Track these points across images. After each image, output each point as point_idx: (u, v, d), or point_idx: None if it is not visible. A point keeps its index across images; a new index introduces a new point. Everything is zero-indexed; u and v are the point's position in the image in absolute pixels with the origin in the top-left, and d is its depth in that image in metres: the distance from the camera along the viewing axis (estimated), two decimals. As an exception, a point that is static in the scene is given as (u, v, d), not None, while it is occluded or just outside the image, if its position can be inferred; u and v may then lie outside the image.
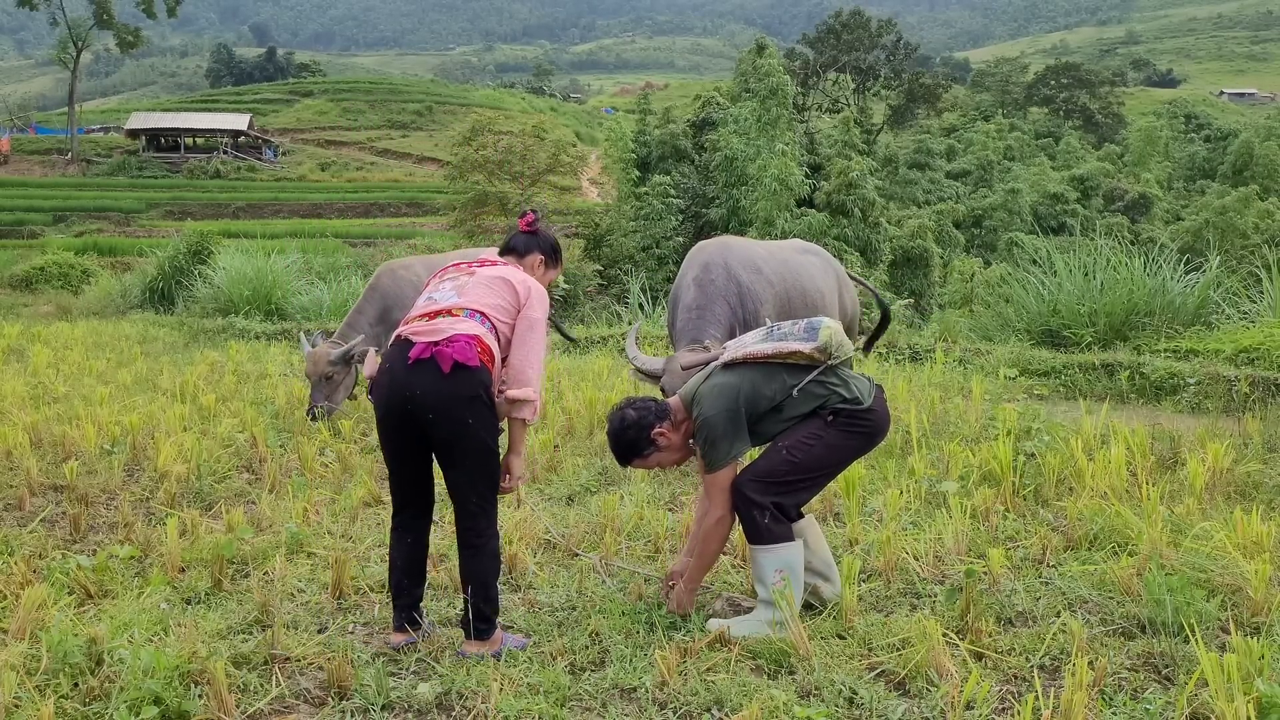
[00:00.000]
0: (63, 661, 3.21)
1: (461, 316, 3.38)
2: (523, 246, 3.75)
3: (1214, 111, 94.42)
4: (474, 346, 3.31)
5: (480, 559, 3.42)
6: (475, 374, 3.30)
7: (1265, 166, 61.25)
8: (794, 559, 3.62)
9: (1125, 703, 3.05)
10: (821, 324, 3.71)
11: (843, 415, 3.67)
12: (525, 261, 3.73)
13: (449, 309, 3.41)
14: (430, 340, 3.31)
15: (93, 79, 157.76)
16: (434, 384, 3.27)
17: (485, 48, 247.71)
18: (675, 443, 3.76)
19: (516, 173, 28.60)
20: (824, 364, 3.68)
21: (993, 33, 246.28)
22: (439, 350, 3.28)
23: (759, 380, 3.69)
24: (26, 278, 25.14)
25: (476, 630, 3.43)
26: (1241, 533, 4.10)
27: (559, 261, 3.83)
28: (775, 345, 3.69)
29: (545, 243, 3.79)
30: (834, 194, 31.81)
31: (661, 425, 3.72)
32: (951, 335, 11.62)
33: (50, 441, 6.61)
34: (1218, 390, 7.82)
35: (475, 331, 3.35)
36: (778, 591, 3.54)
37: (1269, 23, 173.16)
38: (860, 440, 3.75)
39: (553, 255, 3.80)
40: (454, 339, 3.30)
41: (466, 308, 3.41)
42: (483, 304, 3.43)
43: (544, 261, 3.78)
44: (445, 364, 3.26)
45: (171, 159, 60.29)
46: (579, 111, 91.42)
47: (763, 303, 5.89)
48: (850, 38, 71.65)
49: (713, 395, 3.67)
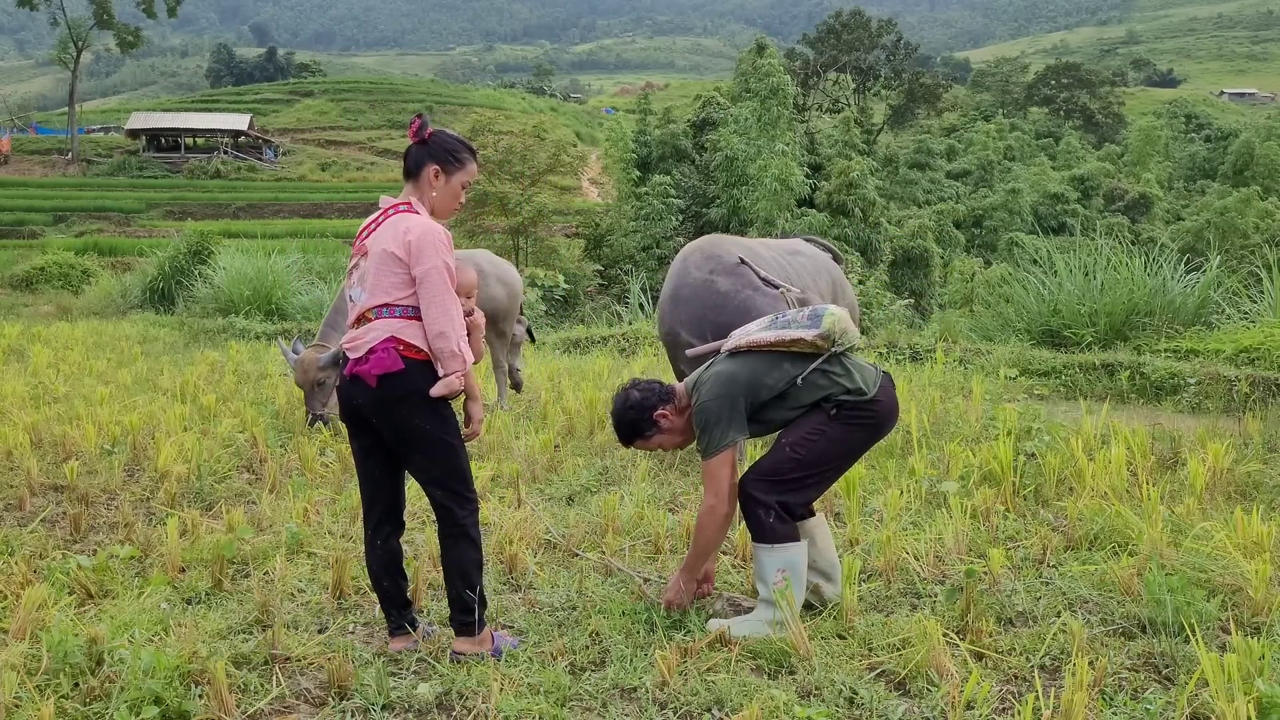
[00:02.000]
0: (63, 661, 3.21)
1: (373, 319, 3.35)
2: (413, 163, 3.45)
3: (1214, 111, 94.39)
4: (392, 351, 3.30)
5: (456, 548, 3.41)
6: (402, 376, 3.30)
7: (1266, 166, 61.23)
8: (797, 559, 3.61)
9: (1125, 703, 3.05)
10: (825, 311, 3.69)
11: (846, 408, 3.65)
12: (420, 180, 3.44)
13: (363, 313, 3.38)
14: (356, 357, 3.35)
15: (93, 79, 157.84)
16: (368, 396, 3.33)
17: (485, 48, 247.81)
18: (677, 425, 3.80)
19: (517, 173, 28.58)
20: (827, 352, 3.68)
21: (993, 33, 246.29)
22: (361, 370, 3.30)
23: (760, 368, 3.69)
24: (27, 278, 25.14)
25: (461, 624, 3.41)
26: (1242, 533, 4.10)
27: (461, 160, 3.46)
28: (778, 333, 3.69)
29: (438, 148, 3.44)
30: (834, 194, 31.81)
31: (664, 407, 3.76)
32: (952, 335, 11.62)
33: (50, 441, 6.61)
34: (1218, 390, 7.82)
35: (389, 332, 3.31)
36: (779, 591, 3.54)
37: (1269, 23, 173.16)
38: (865, 432, 3.72)
39: (449, 157, 3.44)
40: (372, 352, 3.30)
41: (374, 305, 3.34)
42: (384, 294, 3.33)
43: (440, 170, 3.43)
44: (370, 380, 3.30)
45: (172, 159, 60.29)
46: (579, 111, 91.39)
47: None
48: (850, 38, 71.65)
49: (712, 382, 3.70)
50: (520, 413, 7.79)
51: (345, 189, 54.20)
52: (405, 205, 3.44)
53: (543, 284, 17.87)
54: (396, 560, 3.56)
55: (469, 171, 3.51)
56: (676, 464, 6.16)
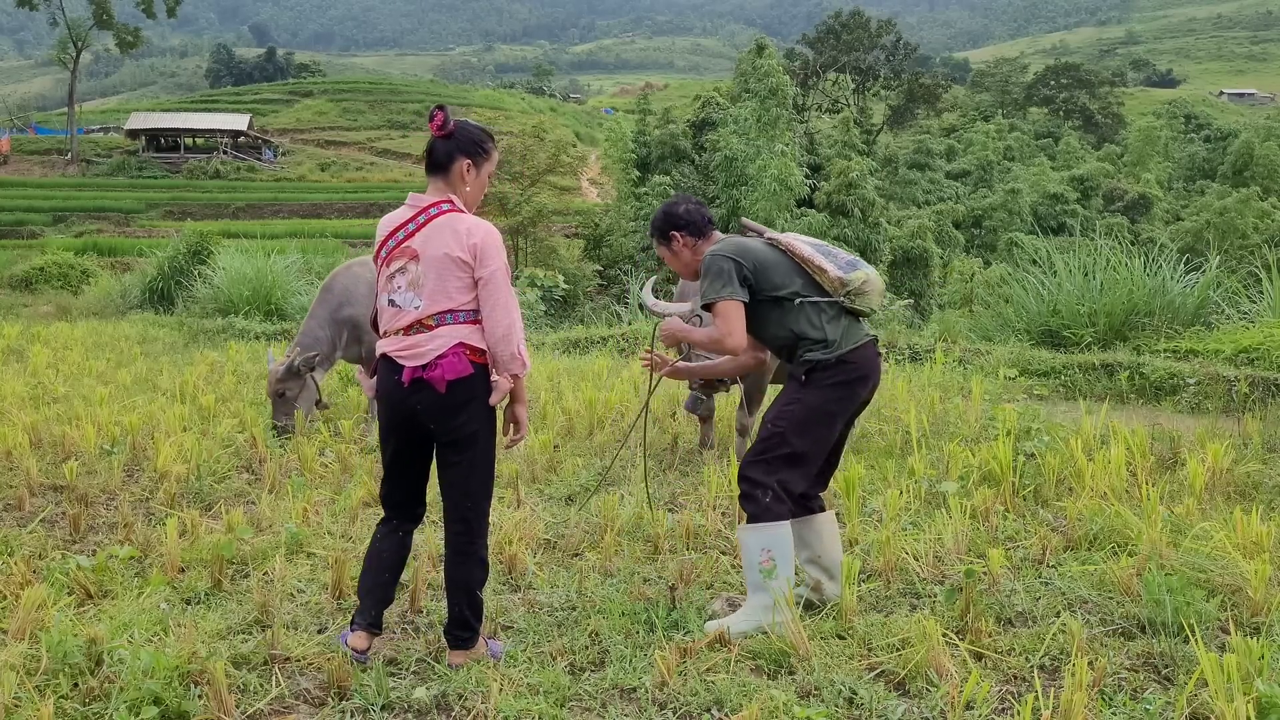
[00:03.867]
0: (62, 662, 3.21)
1: (435, 328, 3.27)
2: (444, 156, 3.37)
3: (1214, 112, 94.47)
4: (462, 356, 3.28)
5: (469, 565, 3.40)
6: (472, 380, 3.29)
7: (1265, 167, 61.27)
8: (781, 538, 3.60)
9: (1125, 703, 3.05)
10: (861, 264, 3.83)
11: (815, 370, 3.69)
12: (451, 174, 3.37)
13: (420, 319, 3.28)
14: (418, 364, 3.26)
15: (92, 79, 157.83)
16: (434, 400, 3.27)
17: (485, 48, 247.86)
18: (684, 256, 4.03)
19: (516, 173, 28.60)
20: (837, 296, 3.75)
21: (992, 33, 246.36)
22: (430, 376, 3.24)
23: (780, 266, 3.79)
24: (26, 278, 25.13)
25: (458, 639, 3.40)
26: (1241, 533, 4.10)
27: (488, 151, 3.44)
28: (814, 254, 3.79)
29: (466, 140, 3.38)
30: (834, 194, 31.78)
31: (685, 235, 3.99)
32: (951, 335, 11.63)
33: (50, 442, 6.61)
34: (1217, 390, 7.82)
35: (456, 338, 3.28)
36: (765, 570, 3.55)
37: (1268, 23, 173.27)
38: (839, 390, 3.70)
39: (477, 149, 3.40)
40: (442, 358, 3.25)
41: (435, 313, 3.27)
42: (448, 300, 3.28)
43: (471, 164, 3.38)
44: (440, 386, 3.25)
45: (171, 159, 60.30)
46: (579, 112, 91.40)
47: None
48: (850, 38, 71.65)
49: (731, 244, 3.83)
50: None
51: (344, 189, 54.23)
52: (448, 204, 3.34)
53: (542, 284, 17.87)
54: (405, 556, 3.56)
55: (494, 161, 3.50)
56: (676, 464, 6.16)
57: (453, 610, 3.41)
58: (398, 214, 3.41)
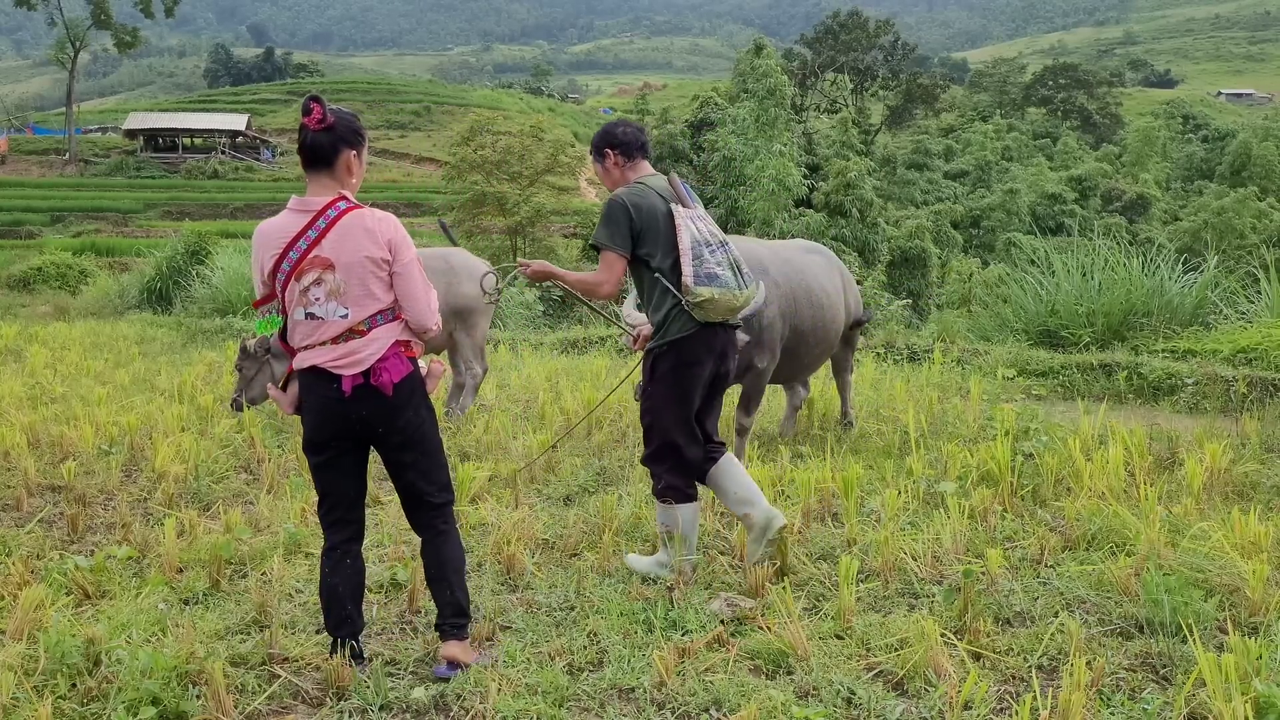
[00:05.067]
0: (60, 662, 3.21)
1: (366, 331, 3.21)
2: (329, 150, 3.23)
3: (1211, 112, 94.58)
4: (401, 355, 3.27)
5: (448, 546, 3.38)
6: (413, 376, 3.30)
7: (1263, 167, 61.38)
8: (674, 518, 4.11)
9: (1123, 703, 3.05)
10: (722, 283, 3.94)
11: (654, 361, 4.06)
12: (338, 167, 3.24)
13: (351, 327, 3.20)
14: (358, 371, 3.20)
15: (90, 79, 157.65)
16: (380, 404, 3.23)
17: (483, 48, 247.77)
18: (614, 176, 4.17)
19: (514, 173, 28.57)
20: (680, 298, 3.94)
21: (990, 33, 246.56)
22: (378, 382, 3.20)
23: (661, 238, 3.99)
24: (24, 278, 25.11)
25: (456, 627, 3.36)
26: (1239, 533, 4.10)
27: (364, 136, 3.33)
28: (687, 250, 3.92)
29: (347, 130, 3.26)
30: (832, 194, 31.79)
31: (618, 155, 4.16)
32: (950, 335, 11.63)
33: (48, 442, 6.60)
34: (1215, 390, 7.83)
35: (391, 338, 3.25)
36: (668, 537, 4.13)
37: (1266, 23, 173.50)
38: (678, 374, 4.02)
39: (358, 137, 3.29)
40: (383, 361, 3.21)
41: (365, 318, 3.21)
42: (375, 302, 3.22)
43: (355, 154, 3.28)
44: (388, 390, 3.22)
45: (169, 159, 60.25)
46: (577, 112, 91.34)
47: (767, 304, 5.88)
48: (848, 38, 71.73)
49: (635, 190, 4.04)
50: (518, 413, 7.78)
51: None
52: (344, 202, 3.23)
53: (541, 284, 17.86)
54: (362, 580, 3.41)
55: (367, 146, 3.41)
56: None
57: (445, 595, 3.36)
58: (283, 221, 3.23)
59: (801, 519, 4.77)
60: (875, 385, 8.22)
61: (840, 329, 6.52)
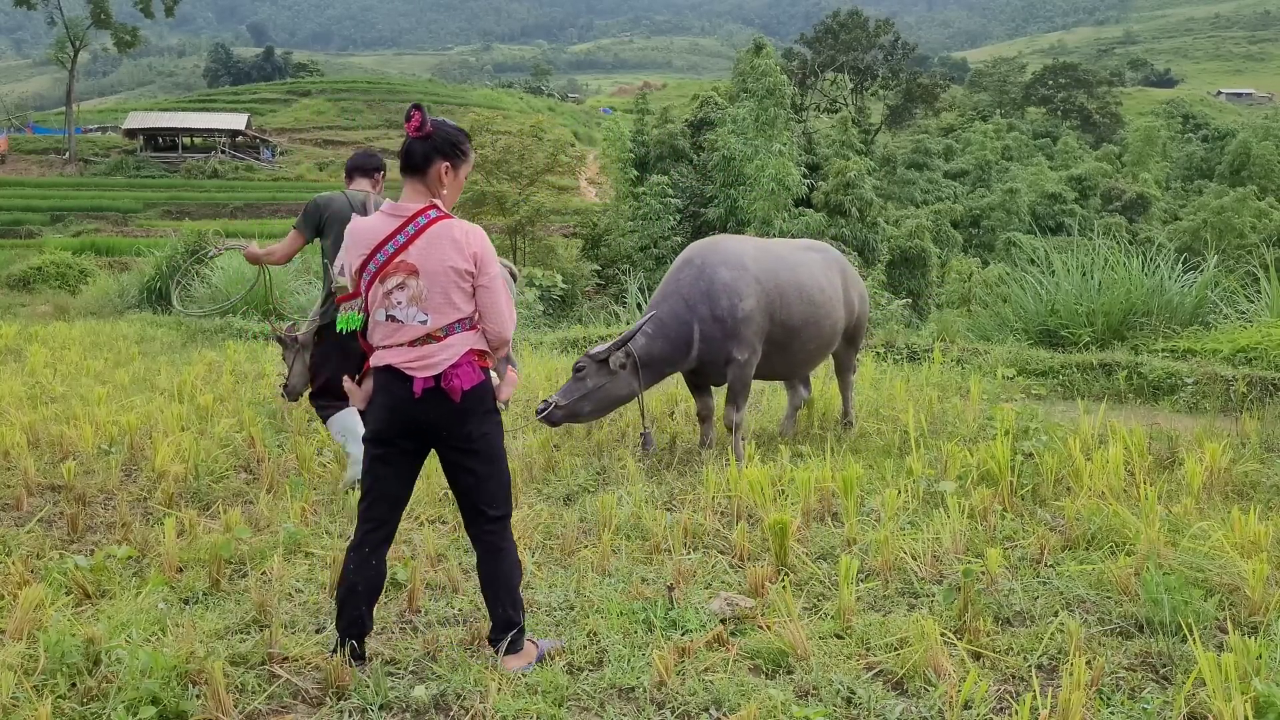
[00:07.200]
0: (60, 661, 3.21)
1: (444, 338, 3.27)
2: (421, 159, 3.30)
3: (1211, 111, 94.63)
4: (474, 364, 3.30)
5: (507, 562, 3.40)
6: (483, 386, 3.32)
7: (1262, 166, 61.42)
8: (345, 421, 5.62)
9: (1123, 702, 3.05)
10: None
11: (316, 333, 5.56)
12: (429, 176, 3.31)
13: (429, 333, 3.26)
14: (430, 375, 3.25)
15: (90, 79, 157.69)
16: (447, 410, 3.28)
17: (483, 47, 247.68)
18: None
19: (514, 172, 28.59)
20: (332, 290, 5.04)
21: (990, 33, 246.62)
22: (448, 386, 3.25)
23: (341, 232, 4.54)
24: (24, 277, 25.09)
25: (509, 643, 3.36)
26: (1239, 532, 4.11)
27: (466, 153, 3.38)
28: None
29: (444, 141, 3.32)
30: (832, 194, 31.83)
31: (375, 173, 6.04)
32: (949, 335, 11.63)
33: (48, 441, 6.60)
34: (1215, 390, 7.83)
35: (466, 346, 3.30)
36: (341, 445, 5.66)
37: (1266, 23, 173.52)
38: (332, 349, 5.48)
39: (456, 151, 3.34)
40: (455, 367, 3.26)
41: (444, 325, 3.26)
42: (455, 311, 3.27)
43: (449, 166, 3.32)
44: (456, 395, 3.26)
45: (169, 159, 60.27)
46: (577, 111, 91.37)
47: (743, 298, 5.96)
48: (848, 38, 71.73)
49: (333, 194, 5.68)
50: (518, 413, 7.78)
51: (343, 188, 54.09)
52: (434, 210, 3.28)
53: (540, 284, 17.87)
54: (381, 584, 3.44)
55: (470, 163, 3.45)
56: (675, 464, 6.16)
57: (496, 612, 3.38)
58: (375, 223, 3.30)
59: (802, 518, 4.77)
60: (875, 385, 8.22)
61: (838, 326, 6.58)
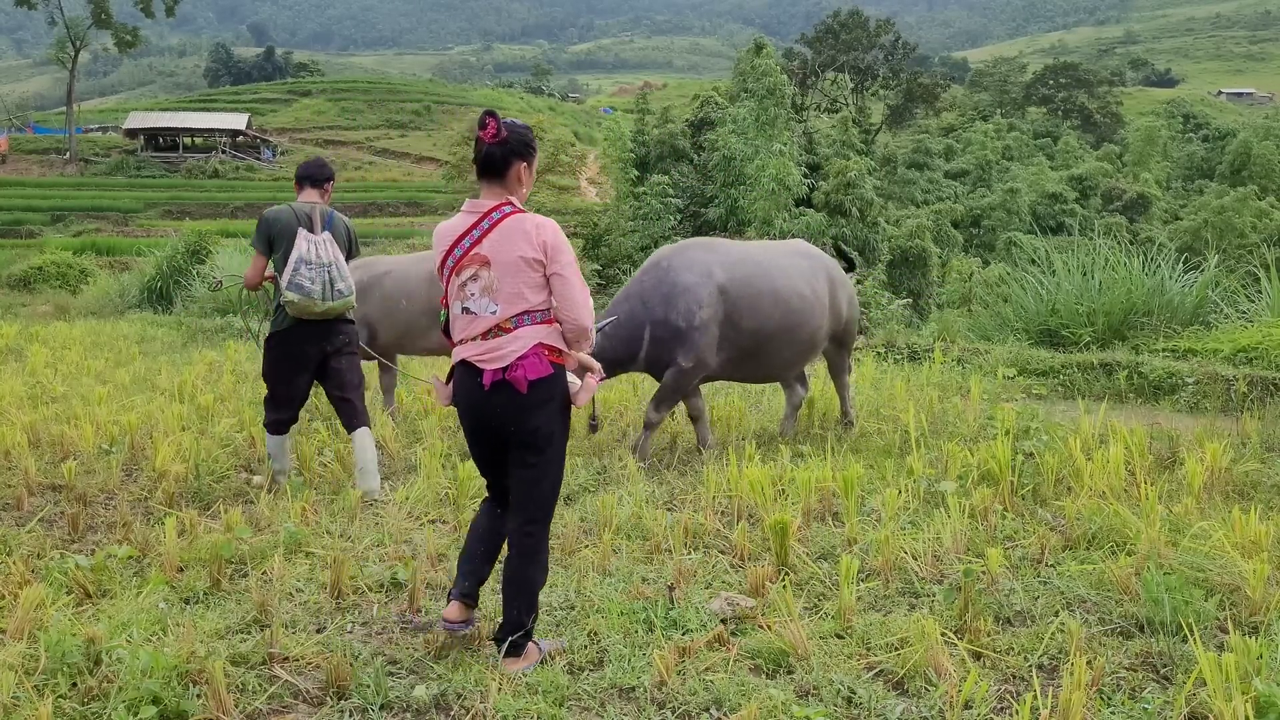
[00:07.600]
0: (61, 661, 3.21)
1: (512, 329, 3.31)
2: (501, 162, 3.36)
3: (1212, 111, 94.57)
4: (542, 357, 3.32)
5: (535, 567, 3.41)
6: (551, 380, 3.34)
7: (1263, 166, 61.38)
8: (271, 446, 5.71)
9: (1123, 702, 3.05)
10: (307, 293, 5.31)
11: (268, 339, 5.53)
12: (509, 178, 3.38)
13: (498, 324, 3.32)
14: (498, 367, 3.30)
15: (91, 79, 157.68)
16: (514, 401, 3.31)
17: (483, 47, 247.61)
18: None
19: (515, 172, 28.57)
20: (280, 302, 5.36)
21: (991, 32, 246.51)
22: (513, 377, 3.28)
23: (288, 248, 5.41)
24: (25, 277, 25.10)
25: (512, 645, 3.36)
26: (1239, 532, 4.10)
27: (535, 148, 3.49)
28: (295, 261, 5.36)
29: (519, 143, 3.39)
30: (832, 194, 31.78)
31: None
32: (950, 335, 11.63)
33: (48, 441, 6.61)
34: (1216, 390, 7.83)
35: (535, 339, 3.32)
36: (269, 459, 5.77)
37: (1267, 23, 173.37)
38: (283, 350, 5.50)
39: (529, 149, 3.43)
40: (523, 359, 3.29)
41: (513, 315, 3.31)
42: (524, 302, 3.32)
43: (526, 165, 3.42)
44: (522, 386, 3.29)
45: (170, 159, 60.30)
46: (577, 111, 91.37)
47: (701, 306, 5.95)
48: (848, 37, 71.70)
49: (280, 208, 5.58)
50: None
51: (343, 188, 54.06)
52: (509, 206, 3.36)
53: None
54: (501, 535, 3.56)
55: (538, 155, 3.57)
56: (674, 463, 6.17)
57: (509, 613, 3.38)
58: (455, 222, 3.41)
59: (802, 518, 4.77)
60: (875, 385, 8.22)
61: (820, 332, 6.51)
